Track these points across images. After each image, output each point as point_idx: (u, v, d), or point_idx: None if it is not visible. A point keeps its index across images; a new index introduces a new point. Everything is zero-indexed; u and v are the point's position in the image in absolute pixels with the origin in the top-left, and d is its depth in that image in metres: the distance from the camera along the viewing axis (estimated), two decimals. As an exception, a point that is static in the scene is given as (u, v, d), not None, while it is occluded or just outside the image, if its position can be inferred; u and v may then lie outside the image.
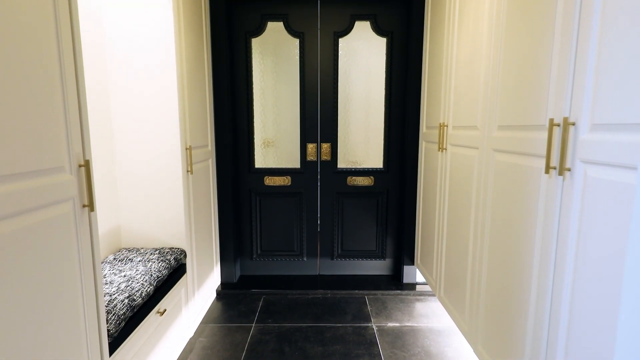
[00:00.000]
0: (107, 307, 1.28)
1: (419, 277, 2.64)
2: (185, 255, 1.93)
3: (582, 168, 0.94)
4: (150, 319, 1.52)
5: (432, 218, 2.21)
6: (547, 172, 1.04)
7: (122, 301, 1.34)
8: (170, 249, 1.89)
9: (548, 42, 1.08)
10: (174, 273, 1.80)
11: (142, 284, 1.49)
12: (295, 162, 2.65)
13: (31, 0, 0.85)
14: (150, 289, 1.52)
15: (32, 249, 0.85)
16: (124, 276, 1.55)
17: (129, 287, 1.44)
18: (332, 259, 2.75)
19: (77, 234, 1.00)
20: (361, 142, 2.65)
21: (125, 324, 1.33)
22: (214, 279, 2.48)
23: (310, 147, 2.61)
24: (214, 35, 2.36)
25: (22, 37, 0.83)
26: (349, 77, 2.56)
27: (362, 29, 2.52)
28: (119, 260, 1.73)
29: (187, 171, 1.95)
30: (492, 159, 1.43)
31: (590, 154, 0.91)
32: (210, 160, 2.38)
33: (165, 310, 1.63)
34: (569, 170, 0.98)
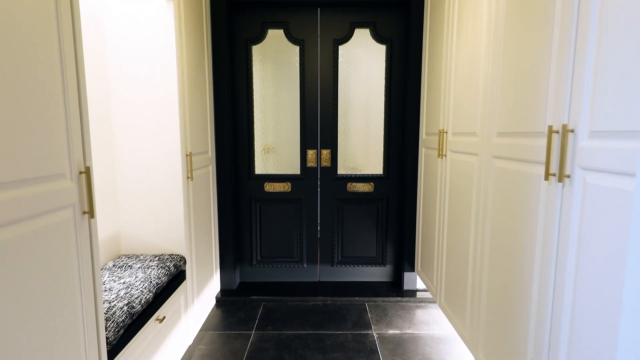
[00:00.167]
0: (106, 314, 1.28)
1: (420, 284, 2.63)
2: (184, 262, 1.93)
3: (582, 175, 0.94)
4: (150, 326, 1.52)
5: (432, 224, 2.20)
6: (546, 178, 1.04)
7: (121, 308, 1.33)
8: (170, 255, 1.89)
9: (546, 49, 1.09)
10: (174, 280, 1.80)
11: (141, 291, 1.49)
12: (295, 169, 2.65)
13: (34, 9, 0.87)
14: (150, 296, 1.51)
15: (31, 256, 0.84)
16: (123, 283, 1.54)
17: (128, 294, 1.44)
18: (332, 265, 2.75)
19: (76, 240, 1.00)
20: (361, 149, 2.65)
21: (124, 332, 1.32)
22: (214, 286, 2.47)
23: (310, 153, 2.62)
24: (215, 42, 2.38)
25: (25, 45, 0.84)
26: (349, 83, 2.58)
27: (362, 37, 2.54)
28: (119, 267, 1.73)
29: (187, 177, 1.95)
30: (492, 165, 1.43)
31: (590, 161, 0.91)
32: (211, 167, 2.39)
33: (164, 318, 1.63)
34: (569, 177, 0.99)
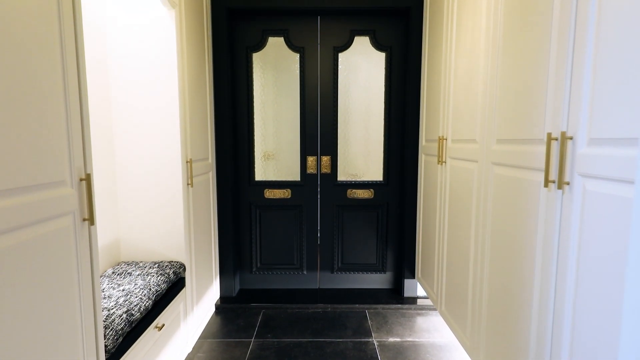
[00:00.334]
0: (105, 322, 1.27)
1: (420, 291, 2.62)
2: (184, 269, 1.92)
3: (581, 182, 0.95)
4: (149, 334, 1.51)
5: (433, 231, 2.20)
6: (546, 185, 1.05)
7: (120, 316, 1.33)
8: (170, 262, 1.88)
9: (544, 56, 1.10)
10: (173, 287, 1.79)
11: (140, 299, 1.48)
12: (295, 175, 2.65)
13: (37, 17, 0.87)
14: (149, 303, 1.51)
15: (30, 263, 0.84)
16: (123, 290, 1.54)
17: (127, 302, 1.43)
18: (333, 272, 2.73)
19: (76, 248, 1.00)
20: (361, 155, 2.66)
21: (123, 340, 1.31)
22: (213, 293, 2.46)
23: (311, 159, 2.62)
24: (216, 50, 2.39)
25: (27, 52, 0.84)
26: (349, 90, 2.59)
27: (362, 44, 2.56)
28: (118, 274, 1.72)
29: (188, 184, 1.96)
30: (492, 172, 1.44)
31: (589, 168, 0.92)
32: (211, 173, 2.39)
33: (163, 325, 1.62)
34: (568, 184, 0.99)
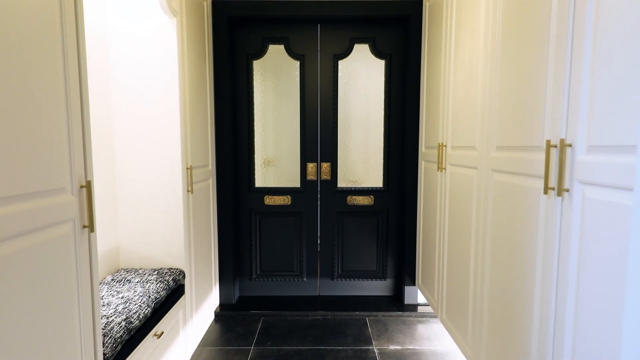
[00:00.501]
0: (103, 329, 1.26)
1: (421, 298, 2.60)
2: (183, 276, 1.91)
3: (581, 189, 0.95)
4: (147, 341, 1.50)
5: (433, 238, 2.19)
6: (545, 192, 1.05)
7: (119, 324, 1.32)
8: (169, 269, 1.88)
9: (542, 64, 1.10)
10: (172, 294, 1.78)
11: (139, 306, 1.47)
12: (295, 182, 2.66)
13: (40, 27, 0.88)
14: (148, 310, 1.50)
15: (30, 271, 0.84)
16: (122, 297, 1.53)
17: (126, 309, 1.42)
18: (333, 279, 2.72)
19: (76, 255, 1.00)
20: (361, 162, 2.67)
21: (122, 348, 1.30)
22: (213, 300, 2.45)
23: (310, 166, 2.63)
24: (217, 57, 2.41)
25: (29, 60, 0.85)
26: (349, 97, 2.61)
27: (361, 52, 2.58)
28: (117, 281, 1.71)
29: (188, 191, 1.96)
30: (491, 179, 1.44)
31: (588, 175, 0.92)
32: (211, 180, 2.39)
33: (162, 333, 1.61)
34: (568, 191, 0.99)
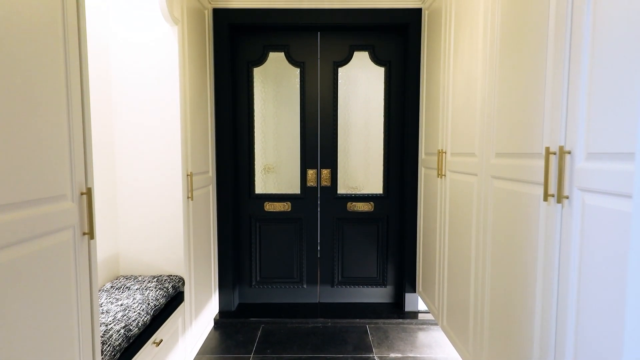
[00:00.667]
0: (102, 337, 1.25)
1: (421, 305, 2.59)
2: (183, 283, 1.90)
3: (580, 196, 0.95)
4: (146, 349, 1.48)
5: (433, 244, 2.19)
6: (545, 199, 1.05)
7: (118, 331, 1.31)
8: (169, 276, 1.87)
9: (541, 72, 1.11)
10: (172, 301, 1.77)
11: (138, 313, 1.46)
12: (295, 188, 2.66)
13: (43, 36, 0.89)
14: (147, 318, 1.49)
15: (29, 278, 0.84)
16: (121, 305, 1.52)
17: (125, 317, 1.42)
18: (333, 286, 2.71)
19: (75, 262, 1.00)
20: (361, 168, 2.67)
21: (121, 356, 1.29)
22: (212, 308, 2.44)
23: (311, 173, 2.63)
24: (217, 64, 2.43)
25: (32, 67, 0.86)
26: (349, 104, 2.62)
27: (361, 59, 2.60)
28: (117, 289, 1.71)
29: (188, 197, 1.96)
30: (491, 185, 1.44)
31: (587, 182, 0.92)
32: (211, 186, 2.39)
33: (161, 341, 1.60)
34: (567, 198, 0.99)
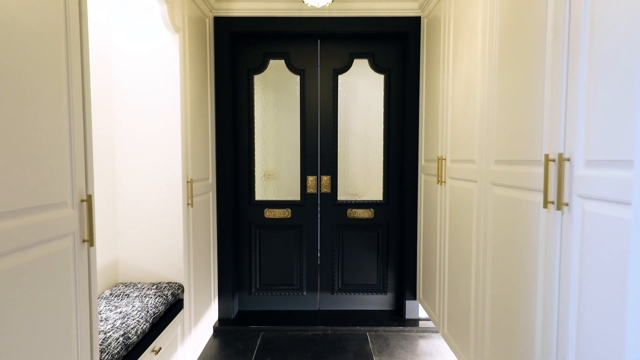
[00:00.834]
0: (101, 345, 1.24)
1: (422, 312, 2.57)
2: (182, 290, 1.90)
3: (580, 203, 0.95)
4: (145, 358, 1.47)
5: (433, 251, 2.18)
6: (545, 206, 1.05)
7: (117, 339, 1.30)
8: (168, 283, 1.86)
9: (539, 79, 1.12)
10: (171, 309, 1.76)
11: (137, 321, 1.46)
12: (295, 195, 2.66)
13: (46, 46, 0.90)
14: (146, 326, 1.48)
15: (28, 285, 0.84)
16: (120, 312, 1.51)
17: (124, 325, 1.41)
18: (333, 293, 2.70)
19: (75, 269, 0.99)
20: (361, 175, 2.67)
21: (119, 364, 1.28)
22: (212, 315, 2.42)
23: (311, 179, 2.63)
24: (218, 72, 2.44)
25: (34, 78, 0.86)
26: (348, 111, 2.63)
27: (361, 66, 2.62)
28: (116, 296, 1.70)
29: (188, 204, 1.96)
30: (491, 192, 1.44)
31: (587, 189, 0.92)
32: (211, 193, 2.39)
33: (160, 349, 1.58)
34: (567, 205, 0.99)
